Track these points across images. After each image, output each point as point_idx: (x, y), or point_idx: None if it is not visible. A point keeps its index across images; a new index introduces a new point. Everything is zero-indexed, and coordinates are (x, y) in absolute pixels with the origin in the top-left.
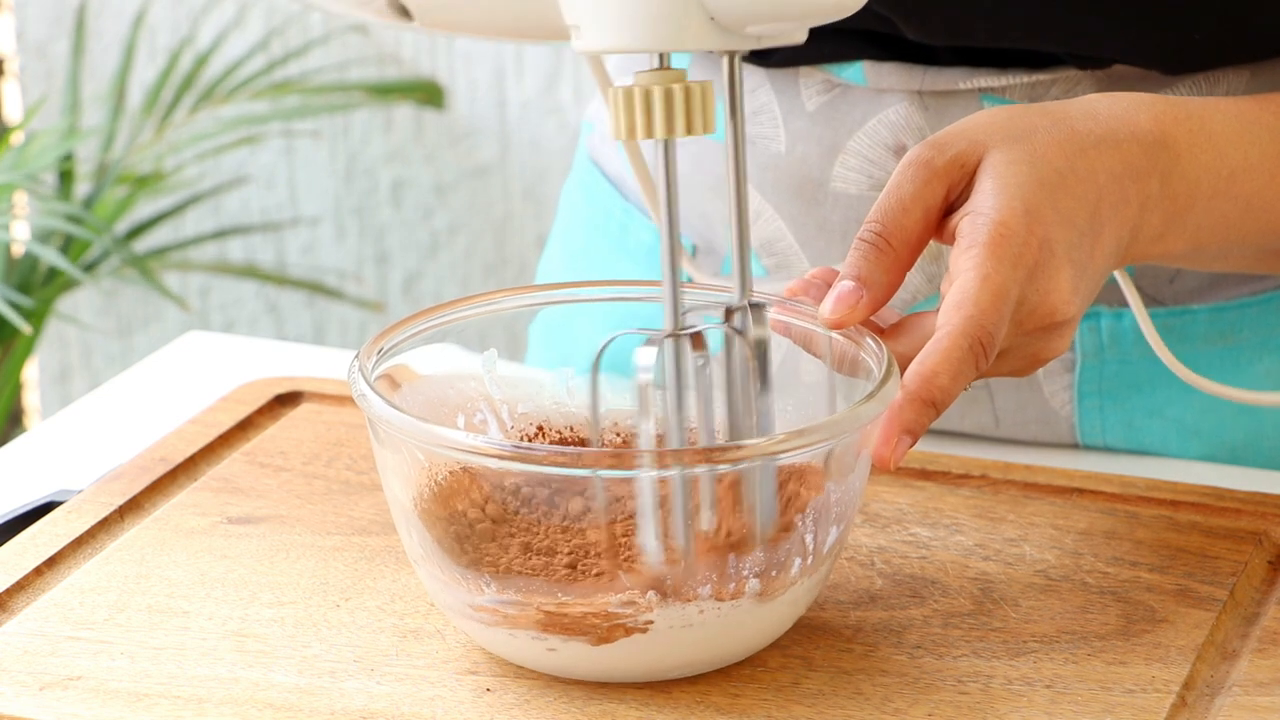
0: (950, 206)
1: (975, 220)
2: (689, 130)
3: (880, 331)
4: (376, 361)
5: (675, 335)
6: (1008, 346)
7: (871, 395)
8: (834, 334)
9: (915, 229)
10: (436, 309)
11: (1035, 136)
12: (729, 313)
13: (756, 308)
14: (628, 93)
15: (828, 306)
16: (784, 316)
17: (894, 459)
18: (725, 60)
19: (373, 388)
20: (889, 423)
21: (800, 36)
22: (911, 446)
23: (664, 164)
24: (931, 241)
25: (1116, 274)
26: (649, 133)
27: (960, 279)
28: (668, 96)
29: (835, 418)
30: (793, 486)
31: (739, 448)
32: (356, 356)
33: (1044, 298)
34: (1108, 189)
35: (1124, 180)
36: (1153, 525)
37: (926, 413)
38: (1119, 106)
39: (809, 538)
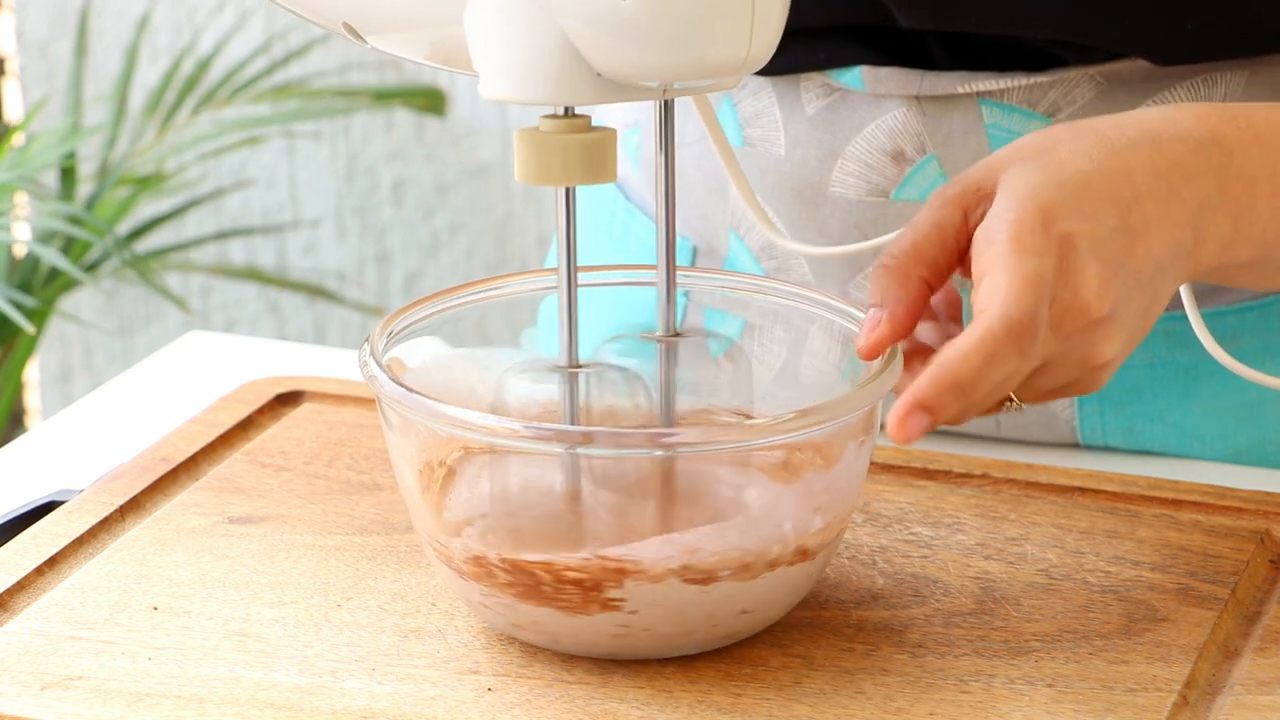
0: (972, 231)
1: (989, 224)
2: (588, 179)
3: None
4: (387, 344)
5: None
6: (1052, 356)
7: (868, 382)
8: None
9: (930, 248)
10: (445, 293)
11: (1057, 149)
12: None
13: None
14: (531, 136)
15: (859, 337)
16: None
17: (905, 433)
18: (659, 102)
19: (384, 368)
20: (905, 395)
21: (725, 85)
22: (930, 428)
23: (565, 208)
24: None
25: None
26: (548, 179)
27: (988, 277)
28: (566, 147)
29: (830, 401)
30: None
31: (742, 428)
32: (367, 340)
33: (1075, 295)
34: (1148, 186)
35: (1171, 178)
36: (1154, 524)
37: (950, 392)
38: (1155, 112)
39: (790, 523)
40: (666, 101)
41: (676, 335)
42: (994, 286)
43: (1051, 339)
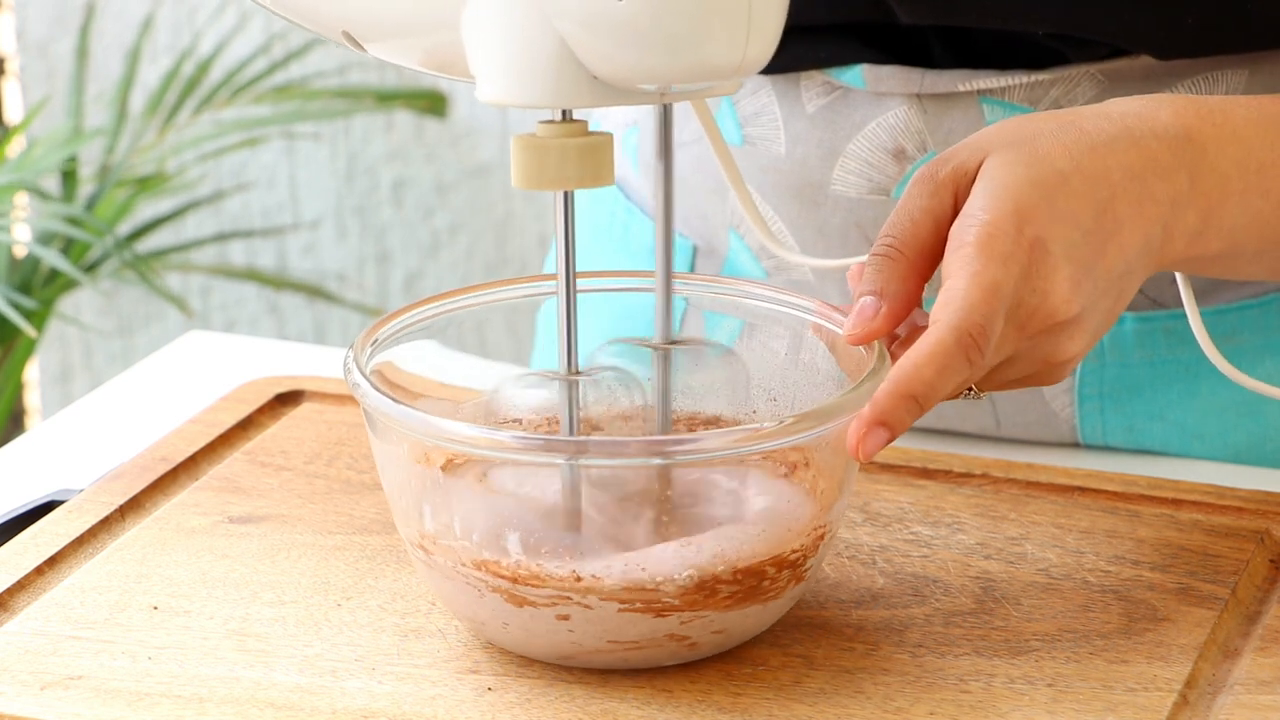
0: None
1: (964, 222)
2: (586, 184)
3: (893, 340)
4: (372, 353)
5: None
6: (1015, 353)
7: (856, 387)
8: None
9: (927, 239)
10: (432, 300)
11: (1038, 140)
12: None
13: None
14: (528, 142)
15: (849, 323)
16: (823, 322)
17: (864, 450)
18: (658, 106)
19: (367, 378)
20: (864, 412)
21: (723, 89)
22: (889, 441)
23: (563, 212)
24: None
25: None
26: (545, 184)
27: (949, 279)
28: (563, 151)
29: (817, 408)
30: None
31: (729, 434)
32: (351, 348)
33: (1042, 299)
34: (1123, 186)
35: (1146, 177)
36: (1154, 524)
37: (905, 406)
38: (1135, 105)
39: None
40: (665, 106)
41: (674, 343)
42: (952, 291)
43: (1016, 336)
